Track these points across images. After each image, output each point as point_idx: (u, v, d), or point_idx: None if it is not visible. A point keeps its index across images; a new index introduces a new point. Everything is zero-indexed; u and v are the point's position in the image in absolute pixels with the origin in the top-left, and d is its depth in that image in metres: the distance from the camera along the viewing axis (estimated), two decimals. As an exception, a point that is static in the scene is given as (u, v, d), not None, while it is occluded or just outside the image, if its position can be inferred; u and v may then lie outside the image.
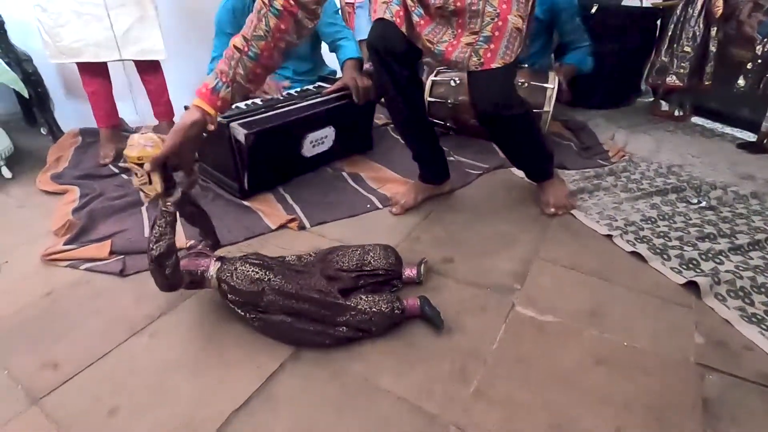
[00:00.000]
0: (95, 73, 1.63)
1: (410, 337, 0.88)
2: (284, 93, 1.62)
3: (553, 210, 1.27)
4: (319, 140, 1.51)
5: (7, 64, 1.67)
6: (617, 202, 1.33)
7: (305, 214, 1.31)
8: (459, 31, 1.03)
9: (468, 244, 1.16)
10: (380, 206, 1.35)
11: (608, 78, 2.11)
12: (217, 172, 1.48)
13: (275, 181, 1.47)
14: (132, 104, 2.11)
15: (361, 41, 2.92)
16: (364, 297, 0.87)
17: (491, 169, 1.57)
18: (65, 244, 1.18)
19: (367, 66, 1.88)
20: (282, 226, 1.26)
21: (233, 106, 1.47)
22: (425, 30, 1.06)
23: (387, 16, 1.09)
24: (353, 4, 2.74)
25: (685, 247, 1.11)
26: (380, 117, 2.01)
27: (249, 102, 1.53)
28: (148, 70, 1.73)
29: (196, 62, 2.02)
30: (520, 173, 1.50)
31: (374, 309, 0.85)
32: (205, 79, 0.89)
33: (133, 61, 1.67)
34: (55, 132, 1.92)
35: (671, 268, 1.04)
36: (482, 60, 1.01)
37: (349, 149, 1.66)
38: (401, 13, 1.08)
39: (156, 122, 1.86)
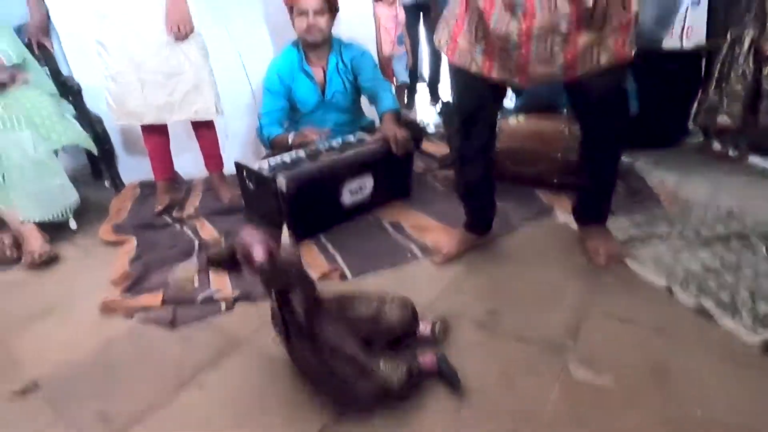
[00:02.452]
0: (155, 131, 1.78)
1: (452, 400, 0.84)
2: (326, 141, 1.69)
3: (604, 259, 1.21)
4: (357, 188, 1.55)
5: (81, 124, 1.86)
6: (674, 250, 1.25)
7: (346, 263, 1.32)
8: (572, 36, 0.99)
9: (514, 295, 1.12)
10: (421, 255, 1.34)
11: (653, 119, 2.05)
12: (263, 221, 1.53)
13: (317, 230, 1.51)
14: (186, 156, 2.25)
15: (398, 87, 3.05)
16: (383, 361, 0.83)
17: (534, 216, 1.53)
18: (122, 293, 1.24)
19: (404, 113, 1.96)
20: (324, 276, 1.27)
21: (277, 159, 1.57)
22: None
23: (474, 69, 1.07)
24: (390, 57, 2.88)
25: (759, 302, 1.02)
26: (418, 165, 2.04)
27: (293, 153, 1.61)
28: (202, 126, 1.86)
29: (247, 116, 2.17)
30: (565, 219, 1.46)
31: (393, 373, 0.81)
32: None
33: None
34: (118, 185, 2.08)
35: (744, 326, 0.95)
36: (614, 51, 0.99)
37: (388, 196, 1.69)
38: (488, 63, 1.06)
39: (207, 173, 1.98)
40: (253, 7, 2.09)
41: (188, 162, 2.15)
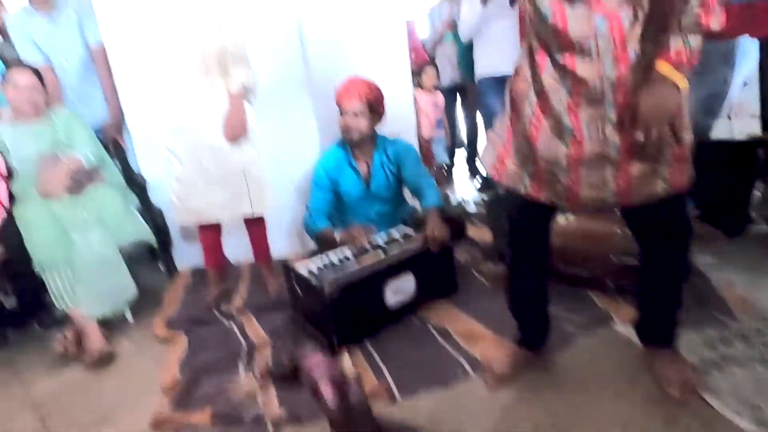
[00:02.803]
0: (210, 225, 1.87)
1: None
2: (371, 240, 1.71)
3: (677, 391, 1.11)
4: (400, 288, 1.54)
5: (143, 216, 1.99)
6: (756, 380, 1.13)
7: (394, 379, 1.28)
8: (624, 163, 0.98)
9: (577, 434, 1.03)
10: (471, 372, 1.28)
11: (711, 211, 1.96)
12: (311, 326, 1.54)
13: (363, 335, 1.49)
14: (235, 242, 2.35)
15: (437, 168, 3.12)
16: None
17: (590, 323, 1.45)
18: (171, 405, 1.25)
19: (446, 207, 1.97)
20: (372, 394, 1.23)
21: (324, 259, 1.60)
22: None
23: (522, 191, 1.07)
24: (429, 140, 2.96)
25: None
26: (462, 255, 2.01)
27: (339, 253, 1.64)
28: (252, 219, 1.95)
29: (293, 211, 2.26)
30: (626, 330, 1.36)
31: None
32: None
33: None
34: (171, 270, 2.18)
35: None
36: (670, 182, 0.97)
37: (433, 294, 1.66)
38: (536, 185, 1.05)
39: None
40: (302, 101, 2.24)
41: (237, 247, 2.24)
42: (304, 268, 1.53)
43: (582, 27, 0.92)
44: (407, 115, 2.67)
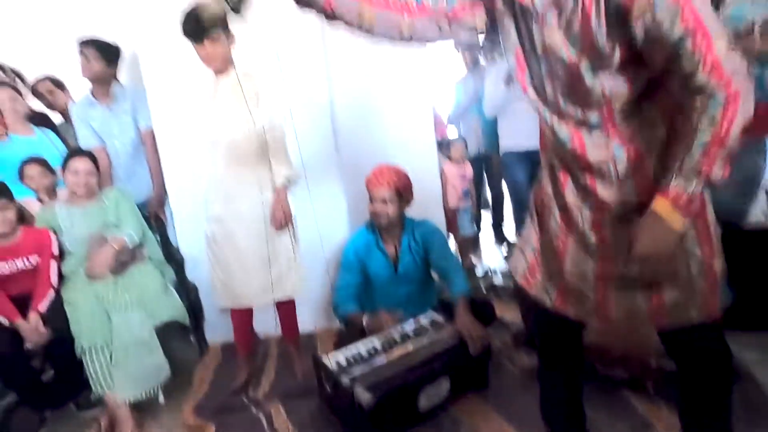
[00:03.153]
0: (245, 309, 1.92)
1: None
2: (399, 327, 1.71)
3: None
4: (434, 393, 1.51)
5: (180, 295, 2.06)
6: None
7: (425, 492, 1.24)
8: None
9: None
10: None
11: (752, 299, 1.88)
12: (337, 418, 1.52)
13: (393, 436, 1.46)
14: (263, 316, 2.39)
15: (461, 240, 3.12)
16: None
17: (631, 432, 1.38)
18: None
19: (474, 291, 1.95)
20: None
21: (353, 351, 1.59)
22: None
23: (548, 304, 1.05)
24: (456, 210, 3.00)
25: None
26: (493, 340, 1.97)
27: (368, 343, 1.64)
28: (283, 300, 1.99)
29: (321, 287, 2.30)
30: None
31: None
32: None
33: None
34: (202, 344, 2.22)
35: None
36: (706, 310, 0.93)
37: (465, 389, 1.62)
38: (562, 299, 1.04)
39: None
40: (333, 183, 2.34)
41: (265, 320, 2.28)
42: (333, 361, 1.54)
43: (600, 153, 0.93)
44: (433, 188, 2.74)
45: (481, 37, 1.08)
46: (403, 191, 1.93)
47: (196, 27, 1.56)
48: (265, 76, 1.78)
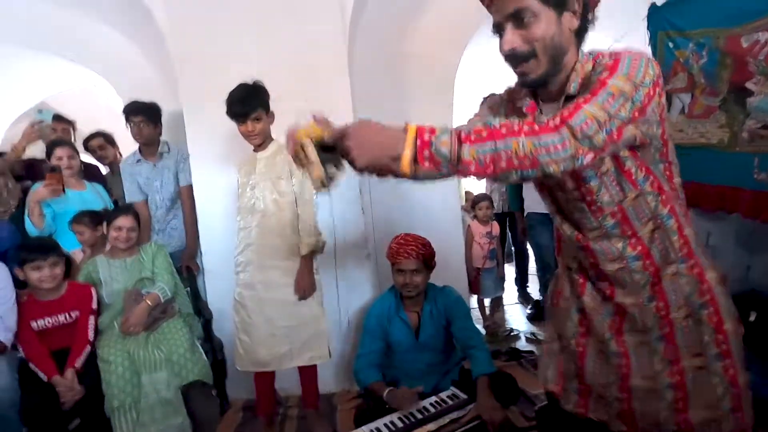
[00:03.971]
0: (268, 372, 1.95)
1: None
2: (420, 405, 1.69)
3: None
4: (456, 482, 1.48)
5: (206, 352, 2.11)
6: None
7: None
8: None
9: None
10: None
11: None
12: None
13: None
14: (287, 375, 2.41)
15: (482, 301, 3.10)
16: None
17: None
18: None
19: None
20: None
21: (373, 429, 1.59)
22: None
23: (568, 407, 1.05)
24: (480, 269, 3.00)
25: None
26: (515, 416, 1.92)
27: (389, 422, 1.63)
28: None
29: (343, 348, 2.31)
30: None
31: None
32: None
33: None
34: (224, 402, 2.25)
35: None
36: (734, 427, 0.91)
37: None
38: (583, 402, 1.03)
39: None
40: (359, 244, 2.40)
41: (286, 379, 2.30)
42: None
43: (614, 264, 0.94)
44: (457, 247, 2.77)
45: None
46: (429, 260, 1.95)
47: (241, 110, 1.69)
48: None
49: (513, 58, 0.87)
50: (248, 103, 1.69)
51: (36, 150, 2.60)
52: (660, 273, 0.93)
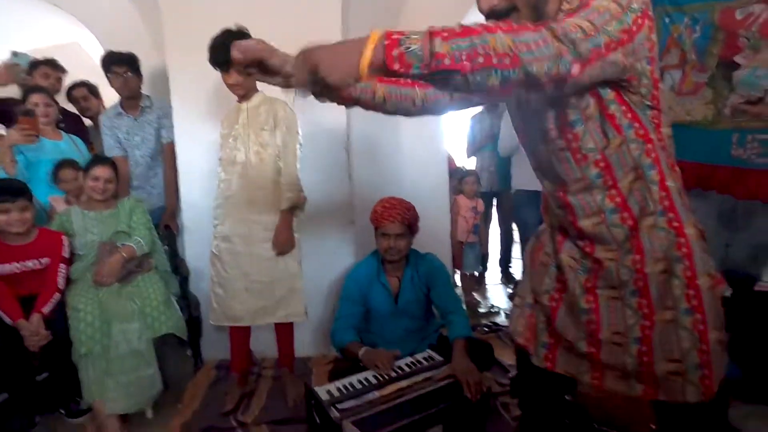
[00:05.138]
0: (243, 327, 1.92)
1: None
2: (395, 366, 1.68)
3: None
4: (427, 438, 1.47)
5: (181, 307, 2.07)
6: None
7: None
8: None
9: None
10: None
11: (761, 366, 1.82)
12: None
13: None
14: (262, 335, 2.38)
15: (465, 275, 3.10)
16: None
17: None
18: None
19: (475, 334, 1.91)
20: None
21: (346, 383, 1.58)
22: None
23: (534, 361, 1.05)
24: (463, 243, 3.00)
25: None
26: (491, 383, 1.93)
27: (362, 378, 1.62)
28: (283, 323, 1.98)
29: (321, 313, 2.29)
30: None
31: None
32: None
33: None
34: (197, 361, 2.22)
35: None
36: (702, 389, 0.88)
37: (458, 434, 1.58)
38: (551, 356, 1.03)
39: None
40: (344, 211, 2.36)
41: (262, 341, 2.27)
42: (324, 391, 1.52)
43: (592, 219, 0.93)
44: (442, 221, 2.75)
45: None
46: (413, 224, 1.93)
47: (225, 58, 1.63)
48: (284, 102, 1.84)
49: (494, 15, 0.85)
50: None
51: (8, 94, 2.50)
52: (638, 225, 0.91)
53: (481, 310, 2.94)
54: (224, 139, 1.86)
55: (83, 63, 3.95)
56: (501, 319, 2.81)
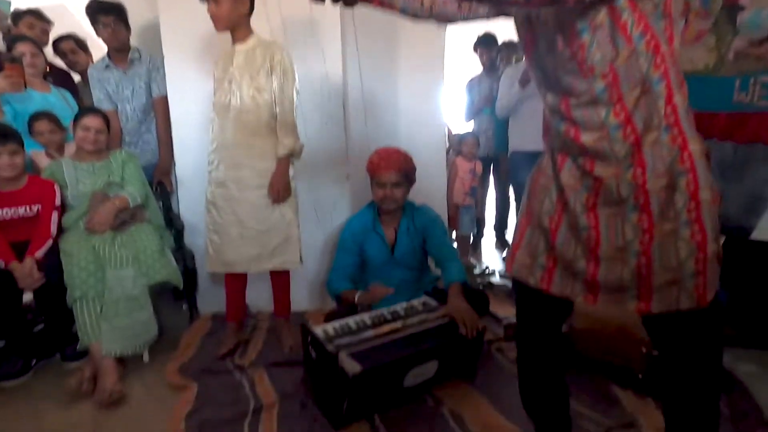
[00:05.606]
0: (238, 275, 1.92)
1: None
2: (390, 308, 1.69)
3: None
4: (421, 373, 1.49)
5: (177, 260, 2.06)
6: None
7: (400, 464, 1.22)
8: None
9: None
10: (483, 467, 1.21)
11: (753, 314, 1.85)
12: (319, 391, 1.50)
13: (373, 410, 1.44)
14: (257, 288, 2.38)
15: (462, 236, 3.11)
16: None
17: (614, 426, 1.35)
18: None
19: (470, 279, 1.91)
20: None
21: (342, 323, 1.58)
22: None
23: (531, 282, 1.05)
24: (460, 206, 2.99)
25: None
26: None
27: (358, 319, 1.63)
28: (278, 270, 1.98)
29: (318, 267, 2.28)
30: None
31: None
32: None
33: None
34: (193, 313, 2.22)
35: None
36: (696, 297, 0.90)
37: (452, 375, 1.60)
38: (548, 277, 1.03)
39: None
40: (340, 163, 2.34)
41: (258, 296, 2.28)
42: (320, 330, 1.53)
43: (594, 134, 0.92)
44: (439, 182, 2.74)
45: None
46: (410, 174, 1.92)
47: None
48: (281, 46, 1.79)
49: None
50: None
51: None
52: (641, 141, 0.90)
53: (476, 271, 2.95)
54: (218, 82, 1.82)
55: (69, 26, 3.84)
56: (495, 280, 2.83)
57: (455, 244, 3.10)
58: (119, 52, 2.34)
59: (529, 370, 1.17)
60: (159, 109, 2.41)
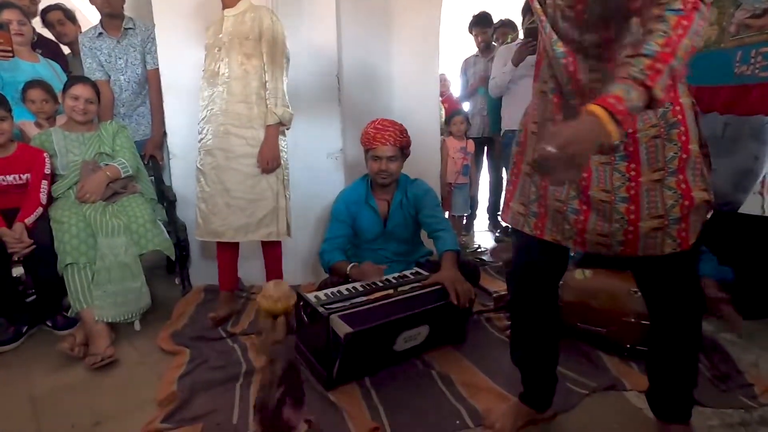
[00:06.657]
0: (229, 246, 1.92)
1: None
2: (383, 278, 1.71)
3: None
4: (412, 337, 1.51)
5: (169, 232, 2.06)
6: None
7: (390, 421, 1.24)
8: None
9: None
10: (471, 424, 1.23)
11: (737, 286, 1.88)
12: (311, 356, 1.52)
13: (363, 373, 1.46)
14: (250, 263, 2.38)
15: (455, 217, 3.13)
16: None
17: (600, 389, 1.38)
18: (163, 420, 1.24)
19: (462, 248, 1.92)
20: (365, 434, 1.19)
21: (333, 290, 1.60)
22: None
23: (526, 230, 1.08)
24: (452, 184, 3.00)
25: None
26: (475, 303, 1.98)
27: (350, 286, 1.64)
28: (270, 243, 1.99)
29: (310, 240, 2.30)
30: (638, 402, 1.29)
31: None
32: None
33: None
34: (186, 286, 2.22)
35: None
36: (679, 241, 0.93)
37: (442, 341, 1.63)
38: (540, 224, 1.06)
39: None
40: (334, 137, 2.34)
41: (252, 269, 2.28)
42: (313, 297, 1.54)
43: (591, 75, 0.93)
44: (433, 160, 2.74)
45: None
46: (405, 147, 1.92)
47: None
48: (270, 11, 1.77)
49: None
50: None
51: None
52: None
53: (468, 249, 2.98)
54: (208, 50, 1.80)
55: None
56: (487, 258, 2.86)
57: (448, 224, 3.12)
58: (112, 19, 2.30)
59: (524, 321, 1.19)
60: (152, 81, 2.38)
